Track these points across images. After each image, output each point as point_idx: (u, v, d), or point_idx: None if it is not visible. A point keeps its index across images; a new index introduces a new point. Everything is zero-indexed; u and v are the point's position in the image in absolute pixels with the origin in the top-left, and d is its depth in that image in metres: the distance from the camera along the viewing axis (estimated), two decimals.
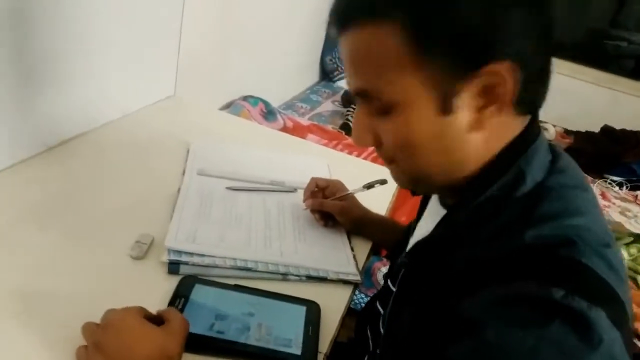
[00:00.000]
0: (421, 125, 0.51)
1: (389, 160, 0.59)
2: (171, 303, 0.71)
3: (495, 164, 0.54)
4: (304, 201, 0.99)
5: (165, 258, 0.80)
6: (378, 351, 0.72)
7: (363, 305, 1.59)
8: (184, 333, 0.62)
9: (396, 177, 0.61)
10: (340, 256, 0.91)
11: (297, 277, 0.84)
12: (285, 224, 0.96)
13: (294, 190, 1.07)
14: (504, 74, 0.48)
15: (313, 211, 0.98)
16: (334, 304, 0.81)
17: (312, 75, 2.86)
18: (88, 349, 0.60)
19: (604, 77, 3.32)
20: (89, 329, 0.62)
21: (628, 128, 2.92)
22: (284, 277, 0.84)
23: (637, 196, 2.43)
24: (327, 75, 2.88)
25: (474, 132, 0.52)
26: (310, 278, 0.85)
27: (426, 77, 0.49)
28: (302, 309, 0.77)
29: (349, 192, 0.98)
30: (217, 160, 1.11)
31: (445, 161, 0.54)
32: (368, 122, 0.56)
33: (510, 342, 0.43)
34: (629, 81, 3.30)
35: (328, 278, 0.85)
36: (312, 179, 1.01)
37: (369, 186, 0.98)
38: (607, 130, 2.84)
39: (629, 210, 2.29)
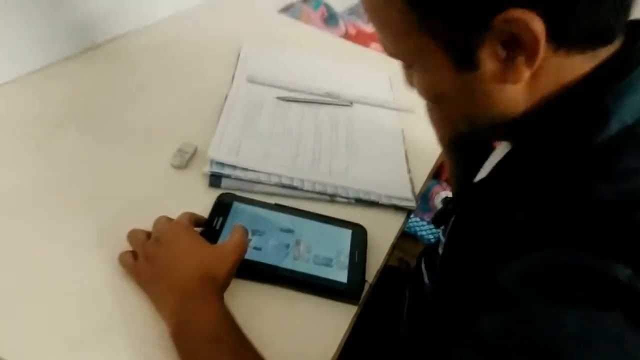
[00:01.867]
0: (444, 83, 0.47)
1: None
2: (208, 223, 0.67)
3: (565, 102, 0.44)
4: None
5: (207, 169, 0.75)
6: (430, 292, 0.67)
7: (417, 229, 1.53)
8: (236, 257, 0.58)
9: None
10: (395, 179, 0.83)
11: (345, 200, 0.78)
12: (337, 140, 0.88)
13: (349, 104, 0.98)
14: (524, 18, 0.38)
15: None
16: (383, 231, 0.75)
17: None
18: (139, 259, 0.59)
19: None
20: (140, 239, 0.60)
21: None
22: (332, 198, 0.77)
23: None
24: None
25: (509, 84, 0.43)
26: (360, 201, 0.78)
27: (436, 38, 0.43)
28: (348, 233, 0.71)
29: None
30: (269, 67, 1.03)
31: (482, 112, 0.48)
32: (406, 72, 0.55)
33: (554, 323, 0.35)
34: None
35: (380, 202, 0.78)
36: None
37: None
38: None
39: None
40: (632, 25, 0.44)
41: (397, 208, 0.79)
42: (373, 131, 0.93)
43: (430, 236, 1.51)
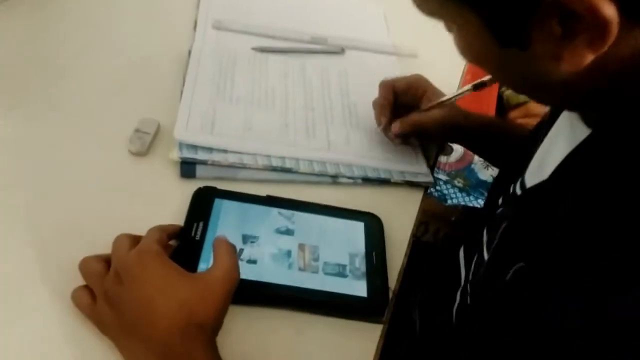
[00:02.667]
0: (484, 55, 0.37)
1: None
2: (185, 233, 0.52)
3: None
4: (379, 118, 0.67)
5: (176, 155, 0.59)
6: (469, 289, 0.54)
7: (445, 195, 1.35)
8: (227, 288, 0.44)
9: None
10: (406, 149, 0.68)
11: (350, 180, 0.63)
12: (331, 100, 0.73)
13: (340, 50, 0.81)
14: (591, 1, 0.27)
15: (388, 130, 0.67)
16: (400, 217, 0.61)
17: None
18: (98, 299, 0.44)
19: None
20: (95, 273, 0.45)
21: None
22: (334, 179, 0.63)
23: None
24: None
25: (565, 63, 0.32)
26: (368, 180, 0.64)
27: (471, 6, 0.33)
28: (359, 227, 0.58)
29: (450, 96, 0.64)
30: (240, 8, 0.84)
31: (532, 88, 0.39)
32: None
33: None
34: None
35: (392, 180, 0.64)
36: (384, 84, 0.67)
37: (480, 85, 0.62)
38: None
39: None
40: None
41: (411, 184, 0.65)
42: (372, 84, 0.77)
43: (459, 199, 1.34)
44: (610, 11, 0.27)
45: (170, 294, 0.42)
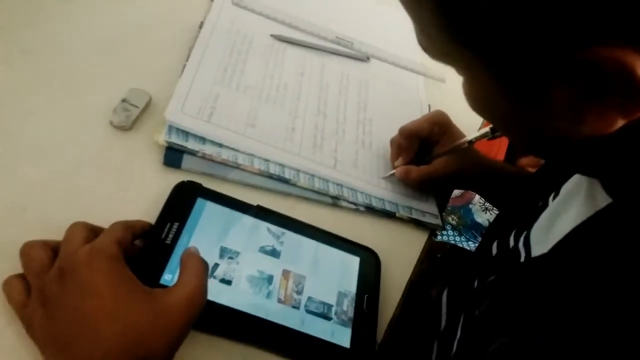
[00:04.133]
0: (491, 106, 0.31)
1: None
2: (155, 233, 0.44)
3: None
4: (394, 160, 0.61)
5: (162, 138, 0.51)
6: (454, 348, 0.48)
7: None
8: (188, 318, 0.36)
9: None
10: None
11: (352, 205, 0.56)
12: (346, 113, 0.65)
13: (366, 58, 0.74)
14: (626, 61, 0.22)
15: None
16: (399, 258, 0.55)
17: None
18: (32, 297, 0.37)
19: None
20: (37, 264, 0.38)
21: None
22: (334, 201, 0.56)
23: None
24: None
25: (586, 125, 0.26)
26: (371, 209, 0.57)
27: (480, 56, 0.27)
28: (354, 262, 0.51)
29: (467, 139, 0.56)
30: None
31: (543, 146, 0.33)
32: None
33: None
34: None
35: (397, 215, 0.57)
36: (408, 132, 0.59)
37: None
38: None
39: None
40: None
41: (417, 223, 0.59)
42: (393, 104, 0.70)
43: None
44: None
45: (118, 313, 0.34)
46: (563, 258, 0.35)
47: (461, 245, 1.20)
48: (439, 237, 1.23)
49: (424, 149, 0.60)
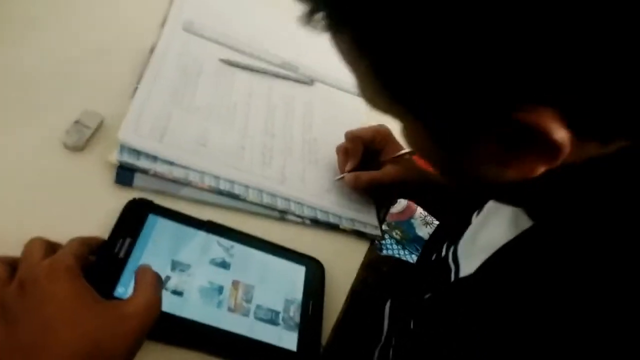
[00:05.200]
0: (433, 157, 0.35)
1: None
2: (108, 247, 0.46)
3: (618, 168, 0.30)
4: (342, 167, 0.65)
5: (115, 158, 0.53)
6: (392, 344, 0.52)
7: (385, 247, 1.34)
8: (143, 326, 0.39)
9: None
10: (360, 197, 0.66)
11: (298, 219, 0.60)
12: (293, 132, 0.69)
13: (310, 82, 0.78)
14: (543, 125, 0.25)
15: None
16: (342, 266, 0.58)
17: None
18: None
19: None
20: None
21: None
22: (282, 215, 0.59)
23: None
24: None
25: (511, 170, 0.29)
26: (316, 223, 0.61)
27: (414, 114, 0.30)
28: (300, 271, 0.54)
29: (408, 150, 0.63)
30: (216, 13, 0.79)
31: (475, 184, 0.35)
32: None
33: None
34: None
35: (340, 227, 0.61)
36: (353, 136, 0.64)
37: None
38: None
39: None
40: None
41: (359, 234, 0.63)
42: (336, 124, 0.74)
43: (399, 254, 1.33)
44: (562, 134, 0.25)
45: (76, 320, 0.36)
46: (489, 278, 0.39)
47: (405, 259, 1.26)
48: (385, 252, 1.28)
49: (368, 156, 0.65)
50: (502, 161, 0.29)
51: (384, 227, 1.33)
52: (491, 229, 0.43)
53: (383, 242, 1.29)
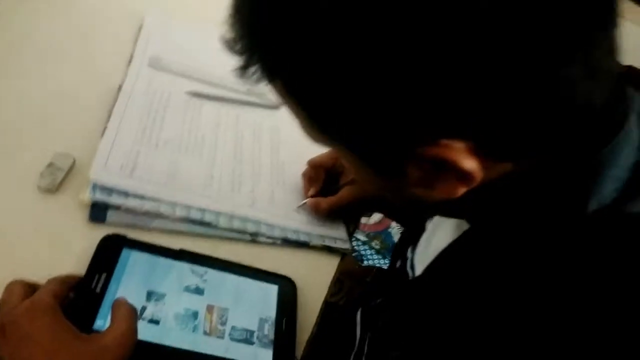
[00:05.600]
0: (373, 183, 0.39)
1: None
2: (85, 283, 0.48)
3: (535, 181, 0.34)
4: (306, 192, 0.68)
5: (88, 197, 0.56)
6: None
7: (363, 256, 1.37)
8: (121, 356, 0.41)
9: None
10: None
11: (269, 240, 0.63)
12: (261, 156, 0.72)
13: (276, 106, 0.82)
14: (453, 158, 0.29)
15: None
16: (314, 282, 0.61)
17: None
18: None
19: None
20: None
21: None
22: (253, 238, 0.62)
23: None
24: None
25: (438, 190, 0.33)
26: (287, 242, 0.64)
27: (348, 146, 0.34)
28: (273, 290, 0.57)
29: None
30: (179, 47, 0.83)
31: (411, 204, 0.39)
32: None
33: None
34: None
35: (310, 244, 0.64)
36: (314, 164, 0.68)
37: None
38: None
39: None
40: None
41: (329, 249, 0.66)
42: (302, 145, 0.77)
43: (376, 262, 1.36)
44: (470, 163, 0.29)
45: (56, 356, 0.39)
46: (434, 278, 0.43)
47: (386, 267, 1.29)
48: (366, 262, 1.31)
49: (331, 180, 0.68)
50: (427, 184, 0.32)
51: (364, 238, 1.37)
52: (440, 235, 0.47)
53: (364, 253, 1.32)
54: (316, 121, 0.32)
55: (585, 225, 0.33)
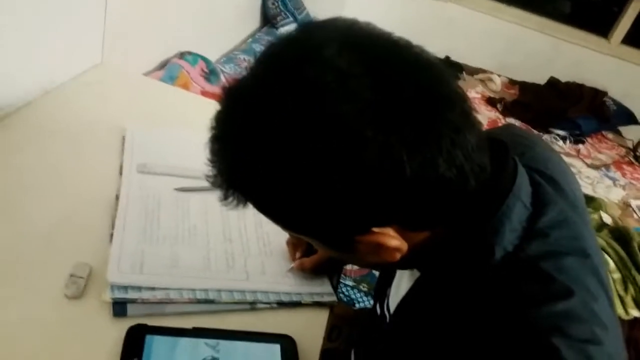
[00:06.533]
0: (340, 257, 0.56)
1: None
2: None
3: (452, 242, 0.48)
4: (292, 257, 0.80)
5: (108, 297, 0.66)
6: None
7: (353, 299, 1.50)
8: None
9: None
10: (313, 274, 0.80)
11: (267, 305, 0.73)
12: (247, 233, 0.83)
13: None
14: (381, 241, 0.45)
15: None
16: (311, 334, 0.71)
17: (253, 21, 2.61)
18: None
19: (547, 24, 3.29)
20: None
21: (570, 76, 2.94)
22: (252, 306, 0.72)
23: (579, 150, 2.47)
24: (269, 20, 2.64)
25: (385, 256, 0.48)
26: (282, 304, 0.74)
27: (314, 237, 0.50)
28: (276, 348, 0.67)
29: None
30: (161, 150, 0.95)
31: (375, 267, 0.56)
32: None
33: None
34: (569, 28, 3.29)
35: (302, 302, 0.75)
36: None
37: None
38: (552, 83, 2.84)
39: (573, 166, 2.32)
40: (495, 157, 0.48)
41: (319, 304, 0.76)
42: None
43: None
44: (394, 242, 0.44)
45: None
46: (400, 320, 0.55)
47: None
48: (357, 305, 1.40)
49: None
50: (375, 254, 0.46)
51: (352, 283, 1.47)
52: (404, 281, 0.59)
53: (354, 297, 1.42)
54: (281, 223, 0.47)
55: (492, 270, 0.46)
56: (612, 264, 1.51)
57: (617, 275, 1.49)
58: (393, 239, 0.43)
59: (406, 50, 0.42)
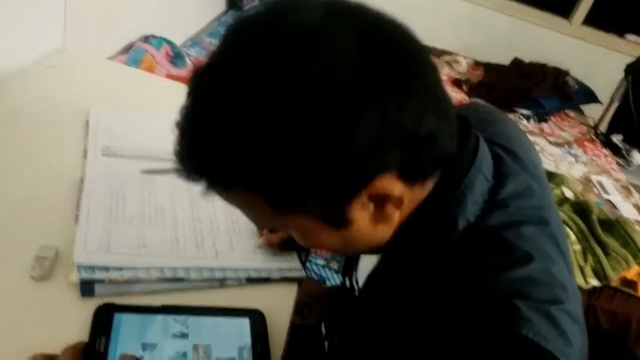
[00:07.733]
0: (325, 240, 0.51)
1: None
2: (90, 348, 0.58)
3: (421, 216, 0.50)
4: (259, 234, 0.81)
5: (75, 277, 0.66)
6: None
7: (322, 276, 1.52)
8: None
9: None
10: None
11: (236, 282, 0.74)
12: (215, 212, 0.84)
13: None
14: (386, 186, 0.44)
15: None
16: (279, 309, 0.73)
17: (219, 4, 2.58)
18: None
19: (509, 5, 3.34)
20: None
21: (533, 56, 3.01)
22: (222, 283, 0.73)
23: (542, 129, 2.54)
24: (235, 4, 2.62)
25: (380, 225, 0.49)
26: (251, 280, 0.75)
27: (304, 215, 0.47)
28: (245, 322, 0.68)
29: None
30: (126, 133, 0.94)
31: (359, 248, 0.55)
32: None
33: None
34: (530, 9, 3.35)
35: (271, 278, 0.76)
36: None
37: None
38: (516, 63, 2.89)
39: (537, 144, 2.39)
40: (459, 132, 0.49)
41: (288, 279, 0.78)
42: None
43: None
44: (398, 188, 0.44)
45: None
46: (368, 292, 0.57)
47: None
48: (328, 283, 1.43)
49: None
50: (374, 222, 0.47)
51: (322, 262, 1.50)
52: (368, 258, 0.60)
53: (324, 275, 1.45)
54: (273, 202, 0.45)
55: (455, 240, 0.48)
56: (572, 236, 1.56)
57: (577, 247, 1.55)
58: (397, 184, 0.44)
59: (386, 17, 0.45)
